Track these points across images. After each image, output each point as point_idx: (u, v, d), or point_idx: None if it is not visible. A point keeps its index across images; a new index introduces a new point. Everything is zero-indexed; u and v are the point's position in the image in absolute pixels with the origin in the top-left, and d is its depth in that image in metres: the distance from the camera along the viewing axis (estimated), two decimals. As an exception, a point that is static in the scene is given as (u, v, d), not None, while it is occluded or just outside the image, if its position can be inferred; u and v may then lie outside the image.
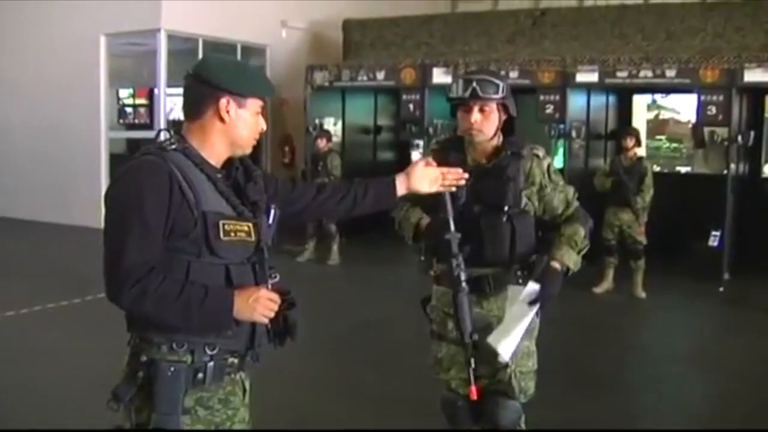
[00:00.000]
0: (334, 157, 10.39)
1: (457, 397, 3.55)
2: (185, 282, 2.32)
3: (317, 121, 11.50)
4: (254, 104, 2.46)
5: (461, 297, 3.28)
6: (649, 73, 9.52)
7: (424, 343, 3.73)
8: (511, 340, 3.31)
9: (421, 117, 10.70)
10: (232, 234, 2.37)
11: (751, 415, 5.32)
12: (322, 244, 10.52)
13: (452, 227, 3.26)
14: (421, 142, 11.26)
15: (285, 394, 5.29)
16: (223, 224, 2.36)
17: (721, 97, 9.17)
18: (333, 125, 12.22)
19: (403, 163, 12.56)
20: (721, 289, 9.27)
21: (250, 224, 2.43)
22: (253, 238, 2.44)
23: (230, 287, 2.38)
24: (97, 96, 13.04)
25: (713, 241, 9.48)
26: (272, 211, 2.55)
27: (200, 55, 13.06)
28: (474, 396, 3.27)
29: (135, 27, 12.48)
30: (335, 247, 10.45)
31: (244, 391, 2.56)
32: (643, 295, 8.84)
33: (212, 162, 2.45)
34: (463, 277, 3.28)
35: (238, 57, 13.69)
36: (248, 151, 2.52)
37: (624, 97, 11.50)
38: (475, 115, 3.38)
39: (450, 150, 3.51)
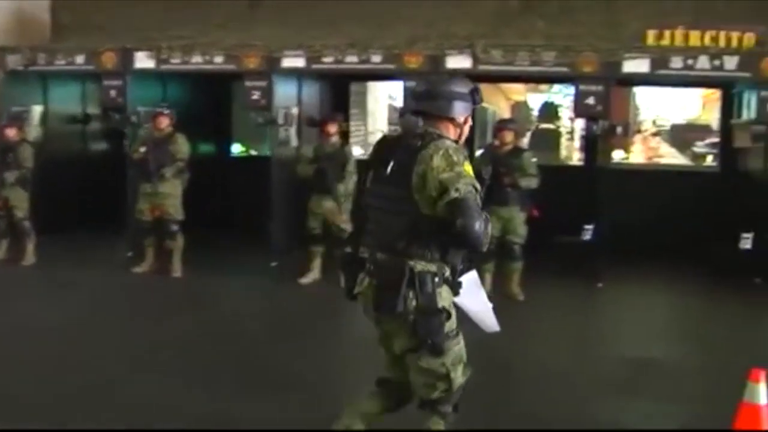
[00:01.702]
0: (26, 147, 9.50)
1: None
2: None
3: (14, 109, 10.49)
4: None
5: None
6: (355, 59, 9.36)
7: (95, 350, 3.28)
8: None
9: (124, 104, 9.99)
10: None
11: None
12: (18, 243, 9.64)
13: None
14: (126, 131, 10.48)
15: None
16: None
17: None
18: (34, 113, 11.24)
19: (116, 155, 11.88)
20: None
21: None
22: None
23: None
24: None
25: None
26: None
27: None
28: None
29: None
30: (30, 247, 9.59)
31: None
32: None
33: None
34: None
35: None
36: None
37: (341, 84, 11.38)
38: None
39: None
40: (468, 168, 3.42)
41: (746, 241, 9.65)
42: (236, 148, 12.44)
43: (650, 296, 8.93)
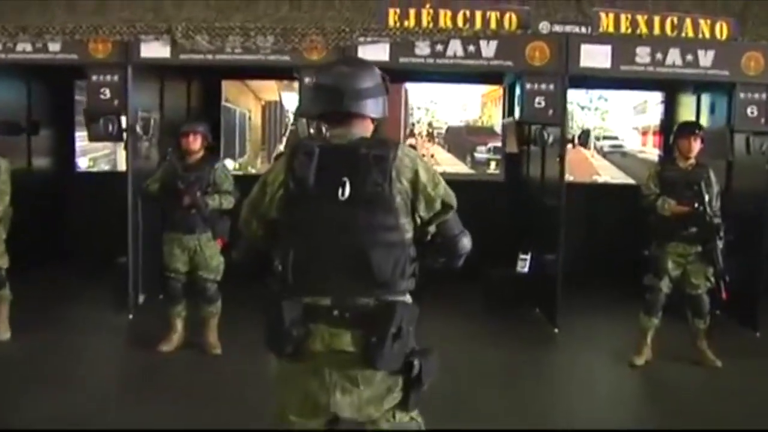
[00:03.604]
0: None
1: None
2: None
3: None
4: None
5: None
6: (28, 47, 7.43)
7: None
8: None
9: None
10: None
11: None
12: None
13: None
14: None
15: None
16: None
17: (115, 77, 7.32)
18: None
19: None
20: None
21: None
22: None
23: None
24: None
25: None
26: None
27: None
28: None
29: None
30: None
31: None
32: (7, 335, 6.74)
33: None
34: None
35: None
36: None
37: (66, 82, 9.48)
38: None
39: None
40: None
41: (523, 264, 8.15)
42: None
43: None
